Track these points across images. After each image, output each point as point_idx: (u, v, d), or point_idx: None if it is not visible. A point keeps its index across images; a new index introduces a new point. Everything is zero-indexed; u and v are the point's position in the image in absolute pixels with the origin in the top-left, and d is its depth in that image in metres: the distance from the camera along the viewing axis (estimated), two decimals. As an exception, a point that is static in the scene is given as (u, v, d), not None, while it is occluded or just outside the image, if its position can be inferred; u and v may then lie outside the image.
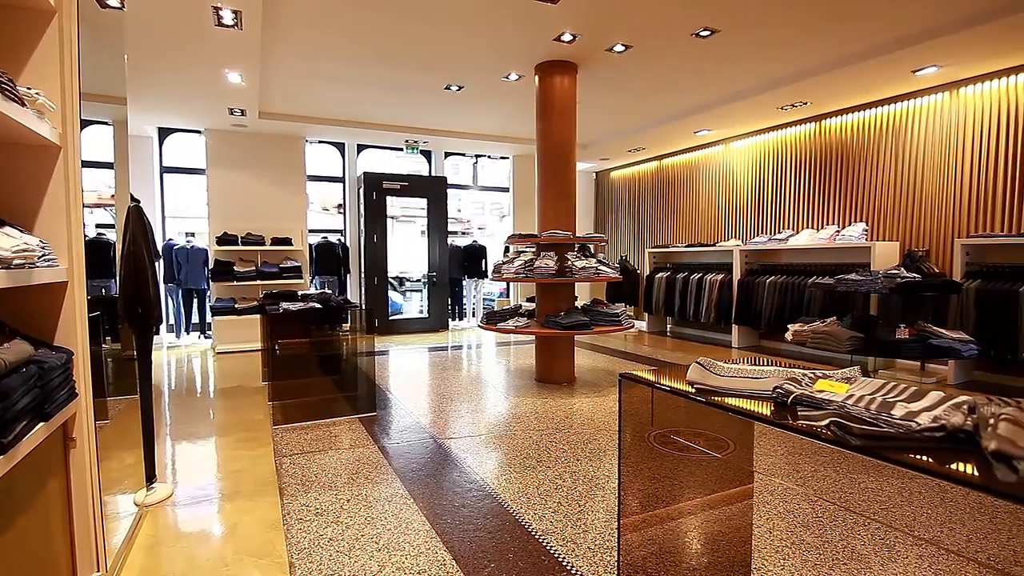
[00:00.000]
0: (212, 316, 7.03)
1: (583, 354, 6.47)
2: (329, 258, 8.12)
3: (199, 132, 7.33)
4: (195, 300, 7.62)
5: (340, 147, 8.53)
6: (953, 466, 0.88)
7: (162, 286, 7.23)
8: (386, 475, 2.94)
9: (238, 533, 2.35)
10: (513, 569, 2.03)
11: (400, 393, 4.76)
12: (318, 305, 4.26)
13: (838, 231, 6.05)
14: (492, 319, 5.18)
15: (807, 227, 6.61)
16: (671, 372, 1.56)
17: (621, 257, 9.36)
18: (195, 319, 7.74)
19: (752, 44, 4.69)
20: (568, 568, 2.03)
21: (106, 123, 2.99)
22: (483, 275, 9.20)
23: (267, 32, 4.36)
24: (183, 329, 7.64)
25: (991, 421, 0.90)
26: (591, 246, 5.19)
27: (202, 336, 7.79)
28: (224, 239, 7.13)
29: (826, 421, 1.03)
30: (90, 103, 2.10)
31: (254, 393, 4.80)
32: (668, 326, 8.51)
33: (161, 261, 7.09)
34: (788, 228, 6.85)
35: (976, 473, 0.85)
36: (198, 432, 3.80)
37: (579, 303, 5.19)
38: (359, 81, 5.69)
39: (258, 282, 7.12)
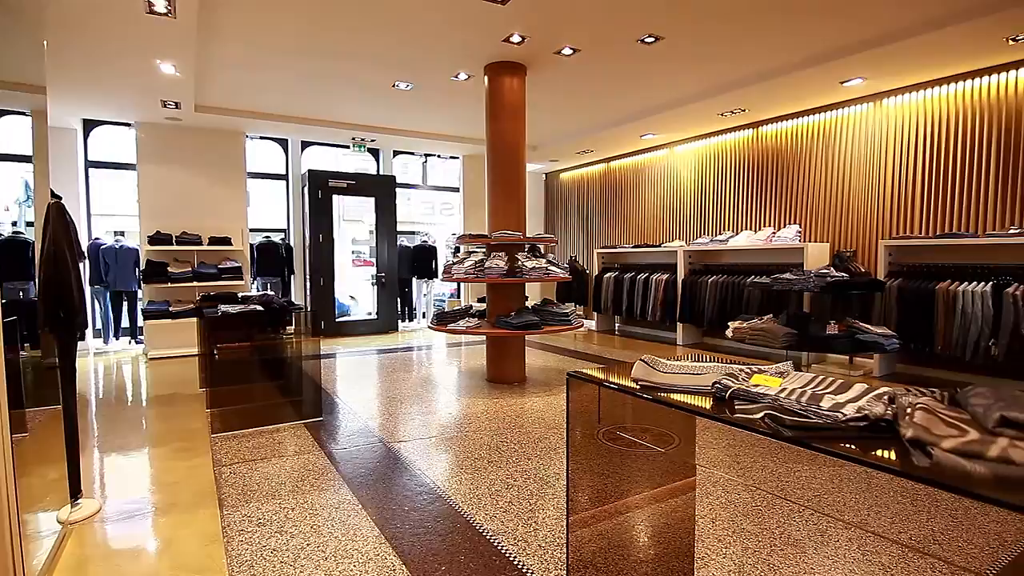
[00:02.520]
0: (144, 320, 6.65)
1: (534, 354, 6.52)
2: (272, 258, 7.85)
3: (129, 125, 6.92)
4: (125, 303, 7.19)
5: (283, 143, 8.26)
6: (876, 453, 0.94)
7: (88, 288, 6.80)
8: (333, 482, 2.87)
9: (174, 548, 2.24)
10: (464, 571, 2.02)
11: (348, 397, 4.66)
12: (260, 307, 4.10)
13: (774, 233, 6.36)
14: (443, 320, 5.14)
15: (746, 229, 6.90)
16: (618, 370, 1.60)
17: (571, 257, 9.50)
18: (125, 323, 7.30)
19: (693, 52, 4.86)
20: (519, 567, 2.04)
21: (24, 113, 2.77)
22: (433, 275, 9.13)
23: (204, 21, 4.16)
24: (112, 334, 7.19)
25: (908, 410, 0.97)
26: (541, 246, 5.24)
27: (133, 341, 7.36)
28: (157, 238, 6.76)
29: (761, 414, 1.08)
30: (4, 91, 1.95)
31: (191, 401, 4.57)
32: (616, 325, 8.70)
33: (87, 261, 6.65)
34: (728, 230, 7.13)
35: (895, 459, 0.91)
36: (129, 443, 3.58)
37: (530, 303, 5.22)
38: (303, 76, 5.52)
39: (195, 284, 6.80)
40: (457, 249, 5.65)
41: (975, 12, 3.95)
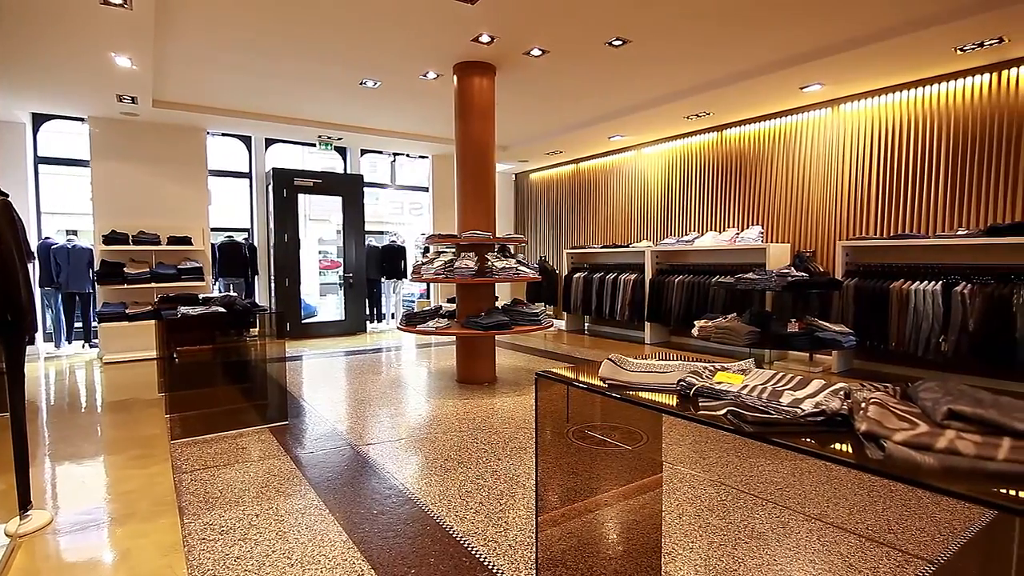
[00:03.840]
0: (98, 322, 6.39)
1: (504, 354, 6.52)
2: (234, 259, 7.65)
3: (82, 120, 6.65)
4: (78, 305, 6.90)
5: (246, 140, 8.05)
6: (832, 446, 0.98)
7: (37, 290, 6.50)
8: (299, 486, 2.81)
9: (132, 559, 2.16)
10: (434, 573, 2.01)
11: (315, 400, 4.57)
12: (222, 309, 3.99)
13: (738, 233, 6.51)
14: (412, 320, 5.10)
15: (711, 229, 7.05)
16: (586, 369, 1.61)
17: (540, 258, 9.54)
18: (78, 326, 7.01)
19: (661, 56, 4.94)
20: (489, 568, 2.04)
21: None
22: (402, 276, 9.04)
23: (162, 13, 4.03)
24: (64, 337, 6.90)
25: (863, 405, 1.00)
26: (511, 247, 5.25)
27: (86, 345, 7.07)
28: (112, 238, 6.51)
29: (724, 410, 1.10)
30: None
31: (149, 406, 4.42)
32: (586, 324, 8.77)
33: (36, 261, 6.36)
34: (694, 230, 7.28)
35: (851, 452, 0.94)
36: (83, 451, 3.44)
37: (499, 303, 5.22)
38: (268, 72, 5.40)
39: (153, 285, 6.57)
40: (426, 249, 5.61)
41: (925, 23, 4.12)
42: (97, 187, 6.63)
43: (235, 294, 4.90)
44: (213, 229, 7.50)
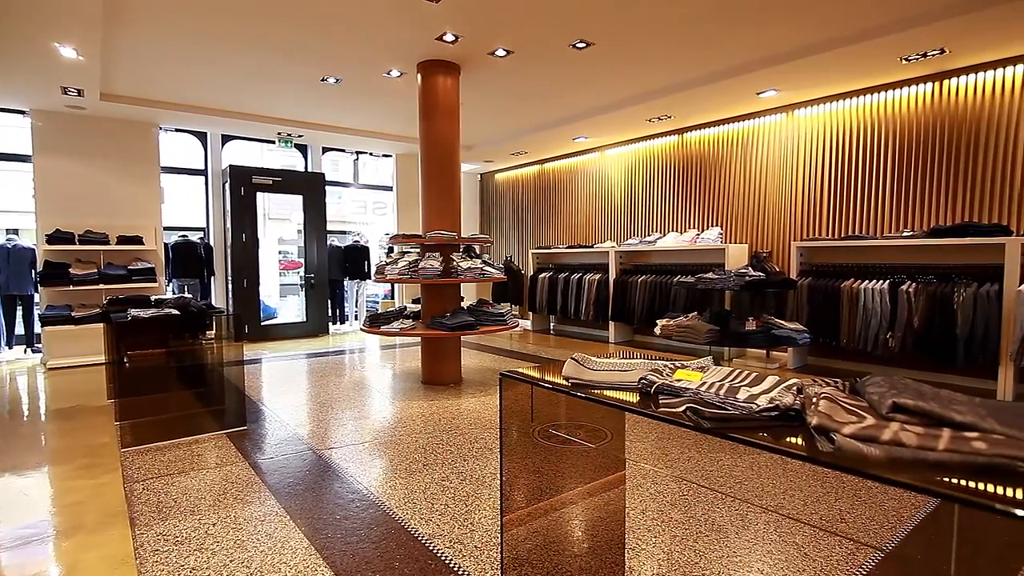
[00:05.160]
0: (42, 326, 6.07)
1: (470, 354, 6.50)
2: (189, 259, 7.39)
3: (22, 113, 6.30)
4: (19, 308, 6.55)
5: (201, 137, 7.79)
6: (786, 440, 1.01)
7: (-26, 292, 6.14)
8: (258, 493, 2.74)
9: (79, 573, 2.06)
10: (398, 577, 1.99)
11: (274, 404, 4.46)
12: (175, 311, 3.85)
13: (698, 234, 6.67)
14: (375, 322, 5.03)
15: (672, 230, 7.20)
16: (551, 368, 1.62)
17: (506, 258, 9.55)
18: (20, 330, 6.64)
19: (623, 59, 5.01)
20: (455, 569, 2.03)
21: None
22: (366, 276, 8.91)
23: (111, 3, 3.86)
24: (4, 343, 6.52)
25: (814, 400, 1.04)
26: (476, 247, 5.24)
27: (29, 350, 6.71)
28: (57, 237, 6.19)
29: (683, 407, 1.13)
30: None
31: (97, 413, 4.23)
32: (551, 324, 8.83)
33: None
34: (656, 231, 7.41)
35: (803, 445, 0.97)
36: (25, 462, 3.26)
37: (465, 304, 5.20)
38: (224, 66, 5.24)
39: (101, 286, 6.28)
40: (391, 249, 5.54)
41: (872, 34, 4.31)
42: (40, 184, 6.29)
43: (190, 295, 4.74)
44: (166, 228, 7.22)
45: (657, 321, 5.57)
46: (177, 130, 7.51)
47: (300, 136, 7.83)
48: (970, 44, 4.34)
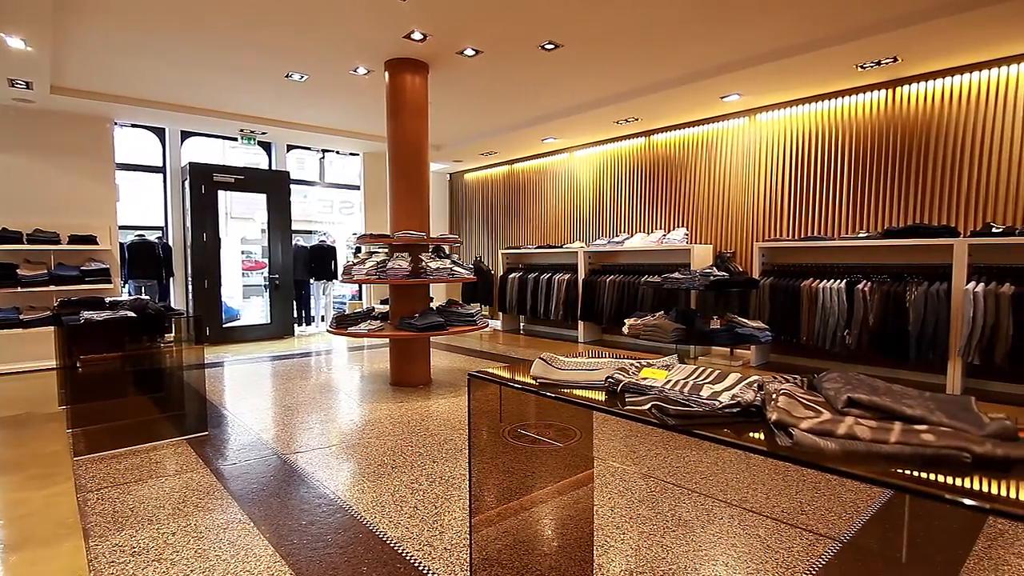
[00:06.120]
0: (-12, 330, 5.78)
1: (439, 355, 6.46)
2: (146, 259, 7.13)
3: (-35, 106, 5.99)
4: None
5: (159, 133, 7.53)
6: (748, 435, 1.03)
7: (-89, 295, 5.79)
8: (221, 500, 2.66)
9: (25, 589, 1.96)
10: (366, 582, 1.96)
11: (237, 408, 4.34)
12: (131, 313, 3.71)
13: (664, 235, 6.78)
14: (342, 323, 4.95)
15: (640, 231, 7.30)
16: (519, 368, 1.62)
17: (476, 258, 9.53)
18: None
19: (592, 62, 5.06)
20: (424, 572, 2.01)
21: None
22: (332, 277, 8.76)
23: (60, -7, 3.70)
24: (-55, 347, 6.18)
25: (774, 396, 1.07)
26: (446, 247, 5.21)
27: (-27, 355, 6.37)
28: (3, 237, 5.88)
29: (648, 405, 1.14)
30: None
31: (47, 420, 4.04)
32: (521, 324, 8.85)
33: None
34: (624, 232, 7.51)
35: (763, 440, 1.00)
36: (-33, 473, 3.10)
37: (434, 304, 5.17)
38: (184, 60, 5.07)
39: (52, 288, 6.01)
40: (358, 249, 5.47)
41: (830, 41, 4.46)
42: (-16, 180, 5.99)
43: (147, 297, 4.58)
44: (122, 227, 6.96)
45: (625, 320, 5.64)
46: (134, 125, 7.24)
47: (264, 133, 7.64)
48: (920, 53, 4.54)
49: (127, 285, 7.10)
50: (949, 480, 0.82)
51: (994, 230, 4.39)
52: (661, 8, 4.02)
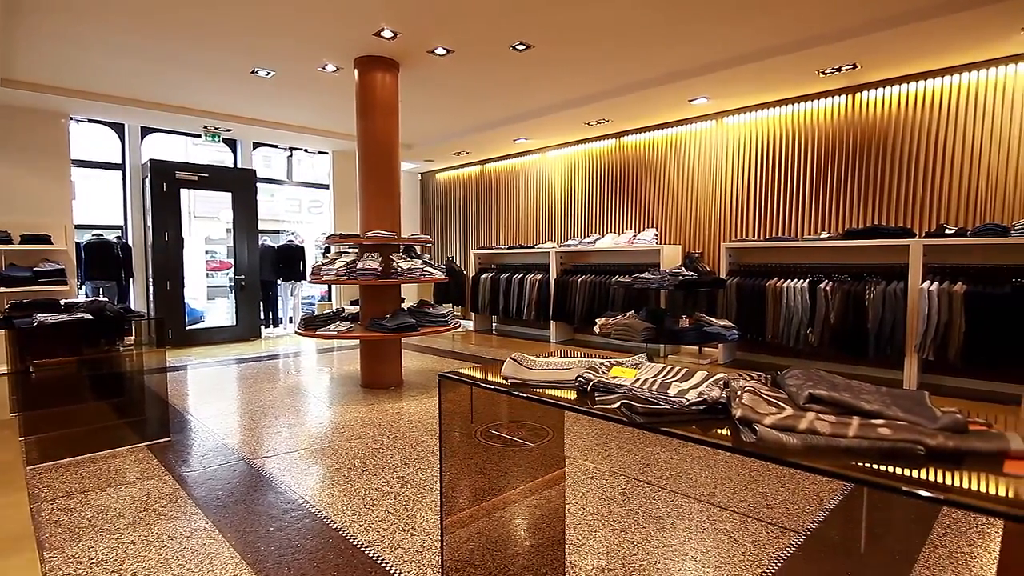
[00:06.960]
0: (-68, 334, 5.49)
1: (411, 356, 6.41)
2: (104, 259, 6.87)
3: (-94, 98, 5.68)
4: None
5: (118, 129, 7.27)
6: (714, 432, 1.05)
7: None
8: (184, 508, 2.58)
9: (-28, 606, 1.87)
10: (335, 587, 1.93)
11: (201, 413, 4.23)
12: (88, 316, 3.57)
13: (635, 235, 6.87)
14: (311, 324, 4.87)
15: (611, 231, 7.38)
16: (491, 368, 1.62)
17: (448, 258, 9.48)
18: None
19: (562, 63, 5.09)
20: (395, 575, 1.99)
21: None
22: (301, 277, 8.60)
23: (9, -18, 3.54)
24: None
25: (739, 393, 1.09)
26: (417, 247, 5.17)
27: (-84, 361, 6.04)
28: (-51, 236, 5.62)
29: (617, 403, 1.15)
30: None
31: (-2, 428, 3.86)
32: (494, 324, 8.84)
33: None
34: (595, 232, 7.58)
35: (729, 436, 1.02)
36: (-92, 485, 2.93)
37: (406, 305, 5.12)
38: (144, 53, 4.91)
39: (2, 289, 5.75)
40: (327, 249, 5.38)
41: (793, 47, 4.58)
42: (-73, 176, 5.69)
43: (105, 299, 4.41)
44: (78, 226, 6.70)
45: (597, 320, 5.68)
46: (90, 121, 6.98)
47: (229, 130, 7.46)
48: (879, 60, 4.70)
49: (84, 286, 6.84)
50: (905, 472, 0.85)
51: (947, 231, 4.58)
52: (630, 10, 4.07)
